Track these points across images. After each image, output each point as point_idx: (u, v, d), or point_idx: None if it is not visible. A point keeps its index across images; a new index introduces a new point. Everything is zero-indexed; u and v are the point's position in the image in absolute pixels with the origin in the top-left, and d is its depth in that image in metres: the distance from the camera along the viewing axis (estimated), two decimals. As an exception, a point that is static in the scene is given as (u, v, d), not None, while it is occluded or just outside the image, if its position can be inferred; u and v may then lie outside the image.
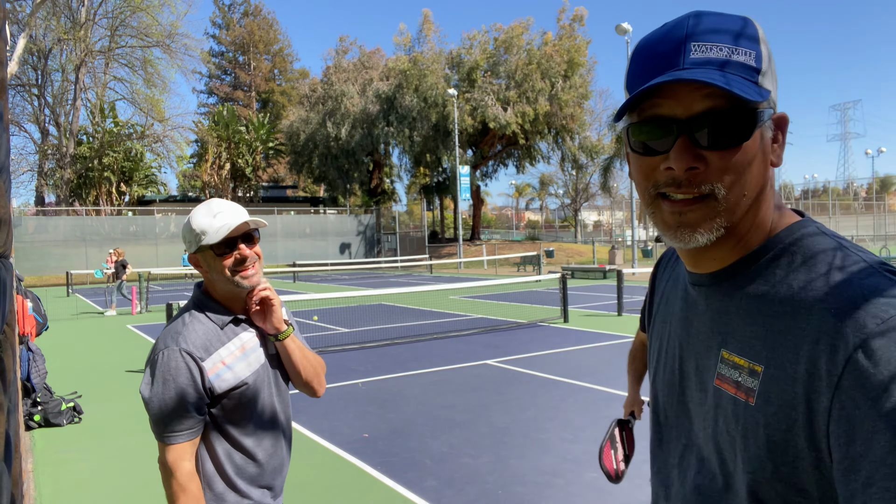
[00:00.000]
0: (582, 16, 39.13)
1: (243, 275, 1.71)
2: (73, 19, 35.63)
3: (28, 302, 6.50)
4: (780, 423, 0.69)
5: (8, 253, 1.23)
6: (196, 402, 1.64)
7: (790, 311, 0.71)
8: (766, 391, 0.71)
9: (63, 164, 36.71)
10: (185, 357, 1.64)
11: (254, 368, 1.75)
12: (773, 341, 0.71)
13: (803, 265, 0.73)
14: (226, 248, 1.69)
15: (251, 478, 1.75)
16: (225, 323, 1.74)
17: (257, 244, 1.76)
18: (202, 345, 1.67)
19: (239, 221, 1.69)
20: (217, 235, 1.67)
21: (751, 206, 0.77)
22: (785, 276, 0.74)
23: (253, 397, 1.74)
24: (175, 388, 1.62)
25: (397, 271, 32.56)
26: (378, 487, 4.30)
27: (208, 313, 1.74)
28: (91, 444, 5.53)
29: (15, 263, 3.22)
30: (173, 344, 1.65)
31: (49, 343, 10.84)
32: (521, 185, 76.33)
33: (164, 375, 1.63)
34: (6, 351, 1.27)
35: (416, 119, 37.13)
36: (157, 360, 1.65)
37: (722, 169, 0.73)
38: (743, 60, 0.72)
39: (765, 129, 0.76)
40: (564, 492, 4.10)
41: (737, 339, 0.76)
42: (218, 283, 1.74)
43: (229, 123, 43.23)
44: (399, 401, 6.52)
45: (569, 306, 12.21)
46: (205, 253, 1.71)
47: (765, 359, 0.72)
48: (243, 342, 1.76)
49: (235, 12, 66.81)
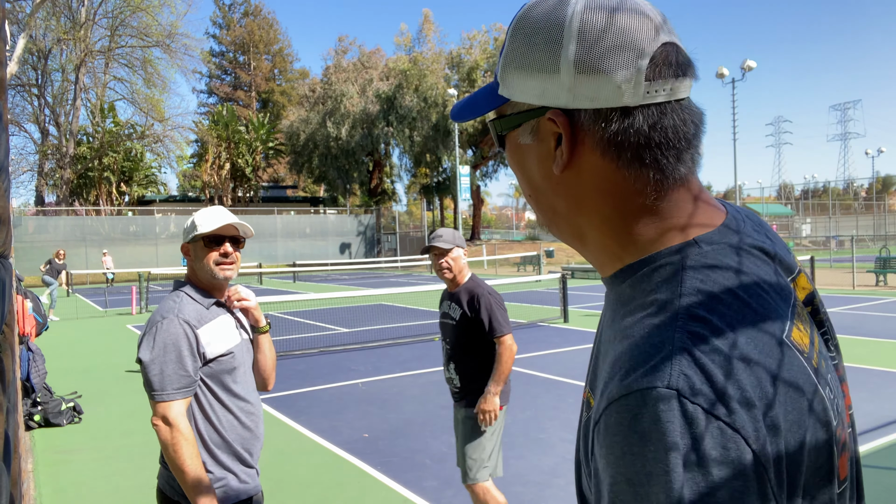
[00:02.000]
0: (582, 16, 39.11)
1: (222, 268, 2.05)
2: (73, 19, 35.62)
3: (28, 302, 6.51)
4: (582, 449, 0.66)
5: (8, 253, 1.22)
6: (192, 364, 1.92)
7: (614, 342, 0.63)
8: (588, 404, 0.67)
9: (63, 164, 36.70)
10: (183, 325, 1.93)
11: (235, 342, 2.06)
12: (603, 366, 0.64)
13: (636, 304, 0.63)
14: (214, 243, 2.04)
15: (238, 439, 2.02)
16: (210, 304, 2.06)
17: (241, 248, 2.12)
18: (195, 317, 1.98)
19: (227, 222, 2.03)
20: (208, 227, 2.01)
21: (572, 216, 0.68)
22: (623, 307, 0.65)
23: (238, 367, 2.05)
24: (175, 351, 1.89)
25: (397, 271, 32.55)
26: (378, 487, 4.30)
27: (193, 296, 2.04)
28: (91, 444, 5.53)
29: (15, 263, 3.22)
30: (171, 314, 1.94)
31: (49, 343, 10.84)
32: (521, 185, 76.35)
33: (165, 340, 1.89)
34: (6, 351, 1.27)
35: (416, 119, 37.14)
36: (157, 329, 1.91)
37: None
38: (496, 69, 0.71)
39: (519, 134, 0.69)
40: (564, 492, 4.10)
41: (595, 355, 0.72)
42: (200, 272, 2.07)
43: (229, 123, 43.22)
44: (399, 401, 6.52)
45: (569, 306, 12.21)
46: (196, 244, 2.06)
47: (595, 376, 0.67)
48: (224, 321, 2.07)
49: (235, 12, 66.82)
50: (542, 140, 0.66)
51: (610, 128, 0.62)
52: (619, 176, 0.63)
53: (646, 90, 0.60)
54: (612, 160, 0.63)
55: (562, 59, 0.61)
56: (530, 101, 0.65)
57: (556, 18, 0.62)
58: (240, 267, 2.12)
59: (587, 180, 0.65)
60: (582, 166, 0.64)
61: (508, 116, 0.68)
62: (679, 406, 0.51)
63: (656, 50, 0.60)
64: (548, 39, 0.63)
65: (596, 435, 0.57)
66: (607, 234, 0.67)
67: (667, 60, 0.61)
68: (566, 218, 0.69)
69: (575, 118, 0.63)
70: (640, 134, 0.61)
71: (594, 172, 0.64)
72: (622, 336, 0.61)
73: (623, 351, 0.58)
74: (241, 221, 2.06)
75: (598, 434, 0.56)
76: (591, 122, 0.62)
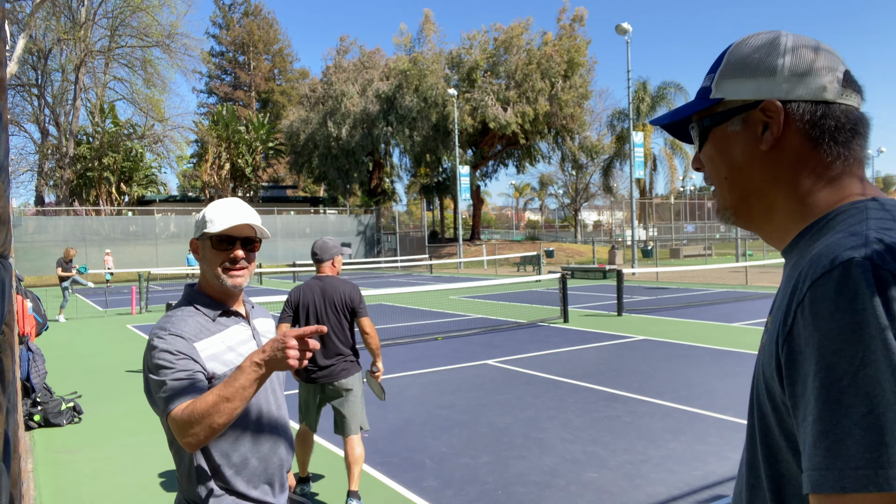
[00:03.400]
0: (582, 16, 39.14)
1: (231, 273, 1.78)
2: (73, 19, 35.61)
3: (28, 302, 6.50)
4: (768, 371, 0.78)
5: (8, 253, 1.23)
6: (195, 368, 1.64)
7: (795, 270, 0.79)
8: (766, 344, 0.81)
9: (63, 164, 36.69)
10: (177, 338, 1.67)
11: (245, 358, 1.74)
12: (780, 300, 0.81)
13: (825, 234, 0.81)
14: (224, 244, 1.76)
15: (250, 476, 1.74)
16: (215, 315, 1.79)
17: (256, 252, 1.83)
18: (193, 333, 1.71)
19: (242, 221, 1.75)
20: (219, 226, 1.74)
21: (766, 189, 0.87)
22: (811, 244, 0.82)
23: None
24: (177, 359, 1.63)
25: (397, 271, 32.55)
26: (378, 487, 4.30)
27: (198, 306, 1.79)
28: (91, 444, 5.53)
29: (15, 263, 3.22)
30: (164, 332, 1.68)
31: (49, 343, 10.84)
32: (521, 185, 76.39)
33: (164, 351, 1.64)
34: (5, 351, 1.27)
35: (416, 119, 37.12)
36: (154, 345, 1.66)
37: (706, 164, 0.94)
38: (703, 84, 0.93)
39: (728, 125, 0.89)
40: (564, 492, 4.10)
41: (774, 305, 0.85)
42: (207, 275, 1.81)
43: (229, 123, 43.21)
44: (399, 401, 6.52)
45: (569, 306, 12.21)
46: (205, 242, 1.79)
47: (773, 316, 0.81)
48: (235, 332, 1.80)
49: (235, 12, 66.82)
50: (751, 127, 0.87)
51: (816, 114, 0.84)
52: (815, 153, 0.84)
53: (840, 93, 0.84)
54: (812, 140, 0.84)
55: (778, 66, 0.85)
56: (746, 97, 0.87)
57: (772, 41, 0.87)
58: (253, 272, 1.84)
59: (787, 157, 0.85)
60: (785, 146, 0.85)
61: (721, 112, 0.90)
62: (874, 270, 0.68)
63: (844, 71, 0.85)
64: (767, 53, 0.86)
65: (799, 314, 0.72)
66: (797, 201, 0.86)
67: (850, 79, 0.86)
68: (759, 193, 0.88)
69: (787, 107, 0.84)
70: (837, 120, 0.84)
71: (795, 150, 0.85)
72: (811, 250, 0.78)
73: (820, 250, 0.75)
74: (257, 220, 1.80)
75: (802, 311, 0.71)
76: (801, 110, 0.84)
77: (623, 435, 5.18)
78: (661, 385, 6.79)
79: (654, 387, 6.72)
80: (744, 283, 18.85)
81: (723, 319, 11.60)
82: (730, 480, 4.17)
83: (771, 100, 0.85)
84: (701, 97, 0.93)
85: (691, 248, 36.48)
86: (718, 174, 0.92)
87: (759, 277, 20.12)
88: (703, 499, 3.92)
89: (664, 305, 14.16)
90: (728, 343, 9.14)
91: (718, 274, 22.36)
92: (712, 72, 0.92)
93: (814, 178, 0.85)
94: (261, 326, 1.93)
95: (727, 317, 11.92)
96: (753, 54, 0.87)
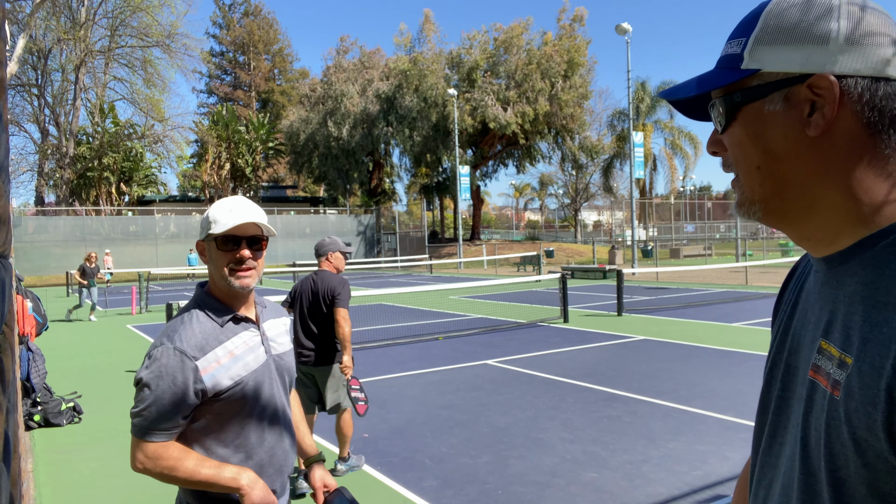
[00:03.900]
0: (582, 16, 39.16)
1: (238, 275, 1.73)
2: (73, 19, 35.63)
3: (28, 302, 6.51)
4: (861, 421, 0.64)
5: (8, 253, 1.23)
6: (182, 403, 1.63)
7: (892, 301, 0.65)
8: (850, 384, 0.66)
9: (63, 164, 36.70)
10: (178, 355, 1.63)
11: (252, 368, 1.74)
12: (868, 332, 0.66)
13: None
14: (229, 245, 1.72)
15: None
16: (225, 321, 1.74)
17: (263, 251, 1.78)
18: (197, 344, 1.67)
19: (246, 220, 1.71)
20: (223, 226, 1.70)
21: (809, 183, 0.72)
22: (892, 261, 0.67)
23: (253, 395, 1.73)
24: (166, 386, 1.61)
25: (397, 271, 32.56)
26: (378, 487, 4.30)
27: (208, 312, 1.75)
28: (91, 444, 5.53)
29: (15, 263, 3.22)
30: (168, 342, 1.66)
31: (49, 343, 10.84)
32: (521, 185, 76.39)
33: (156, 373, 1.63)
34: (6, 351, 1.27)
35: (416, 119, 37.13)
36: (153, 355, 1.65)
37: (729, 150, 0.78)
38: (730, 52, 0.77)
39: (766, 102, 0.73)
40: (564, 492, 4.10)
41: (836, 329, 0.71)
42: (215, 277, 1.77)
43: (229, 123, 43.22)
44: (399, 401, 6.52)
45: (569, 306, 12.21)
46: (210, 243, 1.75)
47: (856, 350, 0.66)
48: (243, 340, 1.76)
49: (235, 12, 66.83)
50: (795, 106, 0.71)
51: (878, 93, 0.68)
52: (874, 141, 0.69)
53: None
54: (871, 125, 0.69)
55: (832, 31, 0.69)
56: (790, 70, 0.71)
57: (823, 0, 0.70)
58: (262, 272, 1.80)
59: (840, 144, 0.70)
60: (837, 130, 0.69)
61: (756, 87, 0.73)
62: None
63: None
64: (817, 16, 0.70)
65: None
66: (853, 200, 0.71)
67: None
68: (801, 186, 0.73)
69: (841, 83, 0.68)
70: None
71: (849, 136, 0.69)
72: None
73: None
74: (263, 218, 1.75)
75: None
76: (860, 88, 0.68)
77: (623, 435, 5.18)
78: (661, 385, 6.79)
79: (654, 387, 6.72)
80: (744, 283, 18.86)
81: (723, 319, 11.60)
82: (730, 480, 4.17)
83: (823, 73, 0.69)
84: (728, 66, 0.76)
85: (691, 248, 36.49)
86: (749, 162, 0.76)
87: (759, 278, 20.12)
88: (703, 499, 3.92)
89: (664, 305, 14.17)
90: (728, 343, 9.14)
91: (718, 274, 22.37)
92: (742, 35, 0.76)
93: (873, 173, 0.70)
94: (271, 330, 1.88)
95: (727, 317, 11.92)
96: (800, 15, 0.71)
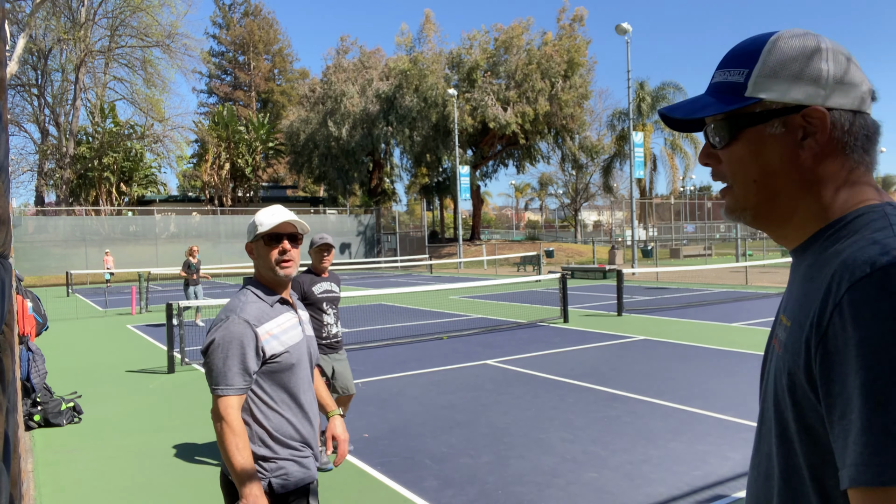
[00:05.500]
0: (582, 16, 39.16)
1: (282, 265, 2.16)
2: (73, 19, 35.61)
3: (28, 302, 6.51)
4: (791, 367, 0.80)
5: (7, 253, 1.23)
6: (252, 363, 2.04)
7: (819, 271, 0.82)
8: (787, 341, 0.83)
9: (63, 164, 36.68)
10: (244, 324, 2.05)
11: (295, 341, 2.17)
12: (802, 299, 0.83)
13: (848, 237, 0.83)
14: (273, 241, 2.15)
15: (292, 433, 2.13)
16: (273, 301, 2.18)
17: (300, 245, 2.22)
18: (256, 316, 2.09)
19: (285, 219, 2.15)
20: (268, 226, 2.13)
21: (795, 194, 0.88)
22: (832, 246, 0.84)
23: (297, 363, 2.16)
24: (236, 349, 2.01)
25: (397, 271, 32.56)
26: (378, 487, 4.30)
27: (258, 294, 2.17)
28: (91, 444, 5.53)
29: (15, 263, 3.22)
30: (233, 314, 2.07)
31: (49, 343, 10.84)
32: (521, 185, 76.38)
33: (228, 338, 2.02)
34: (6, 351, 1.27)
35: (416, 119, 37.12)
36: (221, 326, 2.05)
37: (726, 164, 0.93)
38: (730, 80, 0.91)
39: (767, 127, 0.88)
40: (564, 492, 4.10)
41: (790, 303, 0.88)
42: (262, 270, 2.19)
43: (229, 123, 43.19)
44: (399, 401, 6.52)
45: (569, 306, 12.21)
46: (258, 242, 2.17)
47: (794, 315, 0.83)
48: (286, 319, 2.19)
49: (235, 12, 66.75)
50: (791, 131, 0.87)
51: (856, 123, 0.86)
52: (846, 159, 0.87)
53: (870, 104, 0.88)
54: (846, 147, 0.86)
55: (823, 71, 0.86)
56: (792, 101, 0.87)
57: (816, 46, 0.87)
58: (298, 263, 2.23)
59: (820, 163, 0.87)
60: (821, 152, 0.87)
61: (760, 113, 0.88)
62: None
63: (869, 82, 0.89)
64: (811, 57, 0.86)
65: (836, 315, 0.73)
66: (819, 204, 0.87)
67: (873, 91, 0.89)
68: (788, 196, 0.89)
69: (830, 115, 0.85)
70: (869, 130, 0.87)
71: (828, 156, 0.87)
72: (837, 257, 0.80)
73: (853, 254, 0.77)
74: (297, 218, 2.18)
75: (840, 313, 0.73)
76: (843, 119, 0.86)
77: (623, 435, 5.18)
78: (660, 385, 6.79)
79: (654, 387, 6.72)
80: (744, 283, 18.85)
81: (723, 319, 11.60)
82: (730, 480, 4.17)
83: (815, 106, 0.85)
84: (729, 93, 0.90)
85: (691, 248, 36.49)
86: (746, 176, 0.90)
87: (759, 277, 20.12)
88: (703, 499, 3.92)
89: (664, 305, 14.16)
90: (728, 343, 9.14)
91: (718, 274, 22.36)
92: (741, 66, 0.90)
93: (838, 182, 0.87)
94: (303, 315, 2.33)
95: (727, 317, 11.92)
96: (797, 57, 0.87)
